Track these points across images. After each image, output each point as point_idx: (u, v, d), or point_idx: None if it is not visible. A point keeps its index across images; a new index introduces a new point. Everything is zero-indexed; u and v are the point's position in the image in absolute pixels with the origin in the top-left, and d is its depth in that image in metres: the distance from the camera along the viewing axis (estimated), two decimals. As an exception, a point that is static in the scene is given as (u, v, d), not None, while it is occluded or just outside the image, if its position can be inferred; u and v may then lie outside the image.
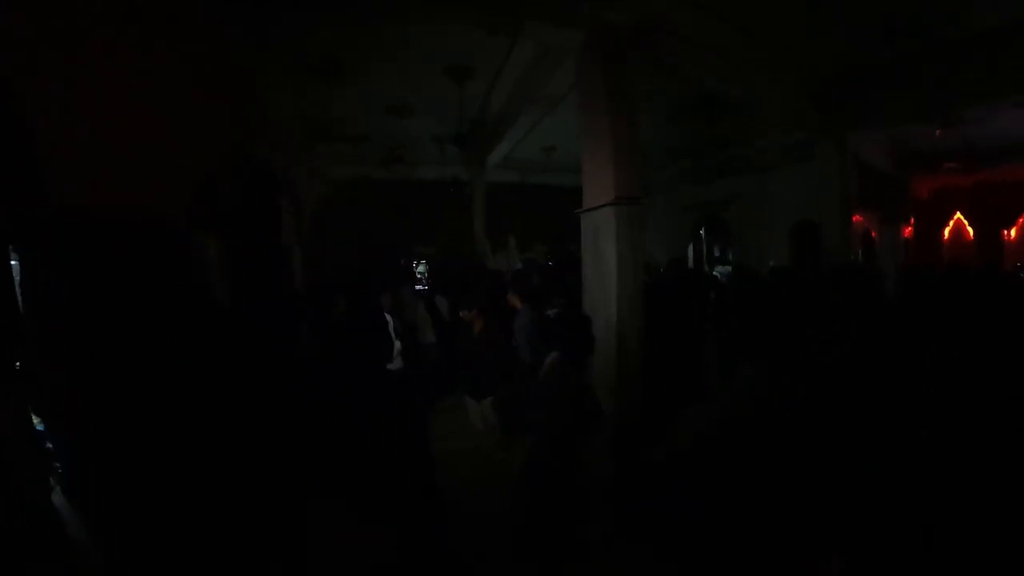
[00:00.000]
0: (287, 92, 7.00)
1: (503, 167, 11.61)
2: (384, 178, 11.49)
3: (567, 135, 9.43)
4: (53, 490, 3.68)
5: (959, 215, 13.54)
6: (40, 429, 3.76)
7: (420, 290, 9.85)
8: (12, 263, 2.47)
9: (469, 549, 3.45)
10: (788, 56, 6.57)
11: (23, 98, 2.31)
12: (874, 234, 11.19)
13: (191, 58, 3.74)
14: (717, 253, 11.73)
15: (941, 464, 3.07)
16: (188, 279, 3.34)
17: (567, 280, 6.53)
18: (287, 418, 3.76)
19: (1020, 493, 2.58)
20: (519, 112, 7.82)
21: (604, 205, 4.82)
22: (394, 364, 5.42)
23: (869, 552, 2.69)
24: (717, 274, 9.35)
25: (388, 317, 5.62)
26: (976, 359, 3.67)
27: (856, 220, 9.55)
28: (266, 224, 6.03)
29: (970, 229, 13.42)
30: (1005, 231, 12.70)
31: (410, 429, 3.66)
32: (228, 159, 4.59)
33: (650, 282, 6.29)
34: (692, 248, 11.72)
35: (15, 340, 2.60)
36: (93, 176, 2.65)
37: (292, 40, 5.72)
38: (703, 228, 11.51)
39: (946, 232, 13.76)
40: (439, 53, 6.29)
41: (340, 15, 5.26)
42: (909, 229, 12.56)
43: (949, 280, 6.51)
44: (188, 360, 3.00)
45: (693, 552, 2.99)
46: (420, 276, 11.73)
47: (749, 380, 4.06)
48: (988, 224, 12.97)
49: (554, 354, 3.32)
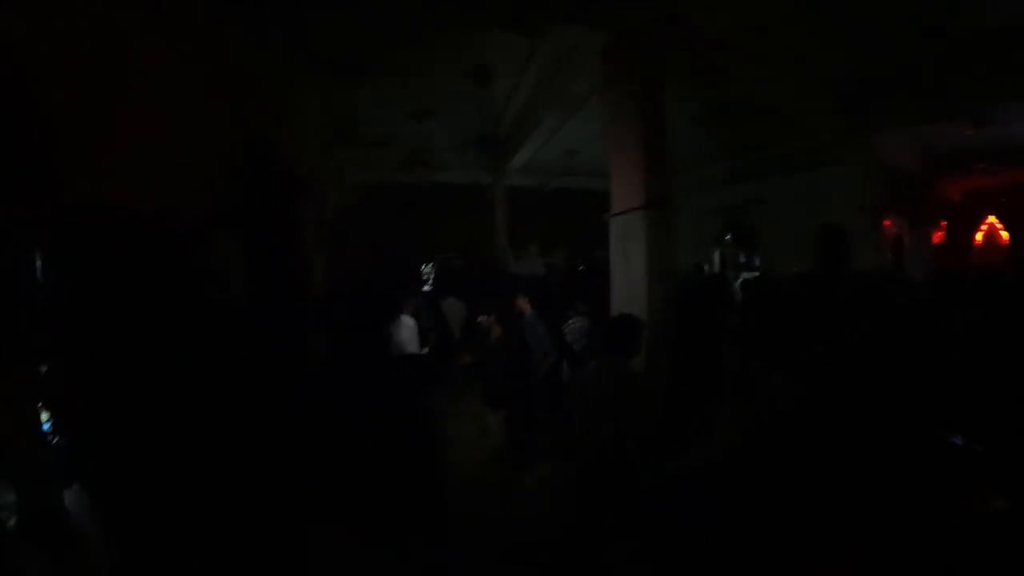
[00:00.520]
0: (309, 94, 6.98)
1: (524, 171, 11.55)
2: (405, 182, 11.47)
3: (590, 138, 9.37)
4: (64, 487, 3.70)
5: (992, 218, 13.14)
6: (46, 427, 3.78)
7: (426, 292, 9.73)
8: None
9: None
10: (815, 57, 6.40)
11: (39, 92, 2.27)
12: (904, 239, 10.90)
13: (212, 55, 3.72)
14: (743, 259, 11.52)
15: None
16: (200, 279, 3.31)
17: (591, 286, 6.44)
18: (288, 423, 3.73)
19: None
20: (542, 115, 7.73)
21: (634, 209, 4.71)
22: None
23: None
24: (740, 278, 9.21)
25: (412, 321, 5.60)
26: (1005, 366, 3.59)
27: (886, 224, 9.32)
28: (285, 226, 6.01)
29: (1004, 233, 13.02)
30: (1041, 234, 12.31)
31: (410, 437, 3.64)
32: (249, 159, 4.57)
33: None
34: (718, 253, 11.52)
35: (26, 335, 2.58)
36: (112, 173, 2.62)
37: (315, 40, 5.69)
38: (728, 233, 11.32)
39: (978, 236, 13.37)
40: (462, 56, 6.23)
41: (364, 16, 5.24)
42: (940, 233, 12.22)
43: (983, 286, 6.34)
44: (194, 360, 2.96)
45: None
46: (425, 278, 11.60)
47: (773, 390, 3.99)
48: (1023, 227, 12.56)
49: (599, 359, 3.23)
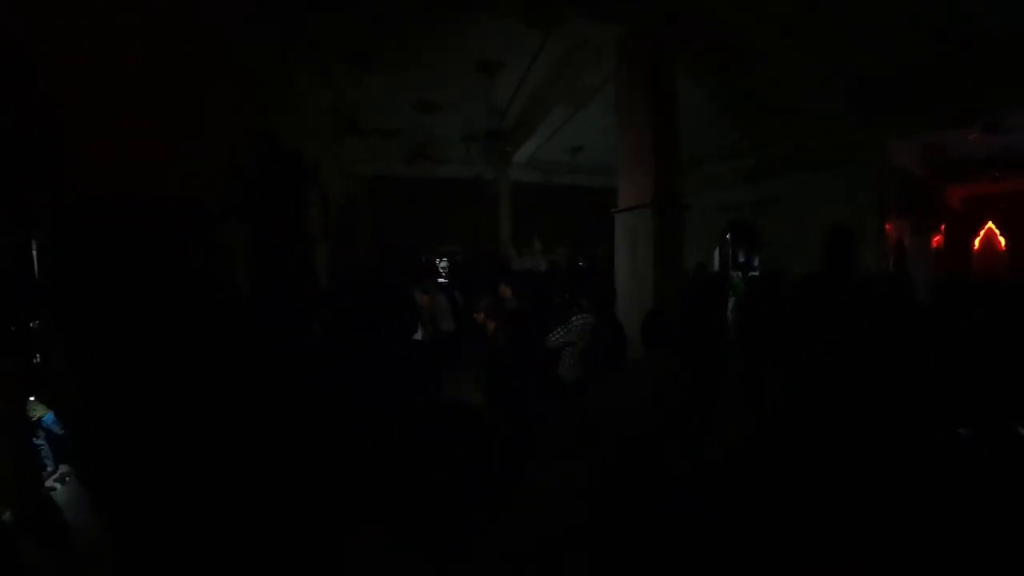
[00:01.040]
0: (318, 85, 6.95)
1: (528, 167, 11.57)
2: (409, 175, 11.45)
3: (594, 135, 9.37)
4: (67, 480, 3.71)
5: (991, 224, 13.21)
6: (48, 420, 3.79)
7: (442, 283, 9.84)
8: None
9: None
10: (827, 59, 6.40)
11: (50, 82, 2.27)
12: (905, 242, 10.94)
13: (223, 46, 3.71)
14: (743, 259, 11.56)
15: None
16: (209, 267, 3.31)
17: (592, 283, 6.44)
18: (297, 411, 3.73)
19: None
20: (549, 109, 7.73)
21: (642, 206, 4.72)
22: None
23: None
24: (736, 277, 9.25)
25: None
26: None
27: (888, 228, 9.35)
28: (294, 215, 6.01)
29: (1002, 239, 13.09)
30: (1039, 242, 12.37)
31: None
32: (259, 148, 4.56)
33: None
34: (719, 252, 11.54)
35: (25, 328, 2.58)
36: (123, 162, 2.62)
37: (325, 31, 5.67)
38: (730, 233, 11.33)
39: (976, 241, 13.44)
40: (470, 47, 6.21)
41: (372, 7, 5.22)
42: (939, 237, 12.27)
43: (985, 292, 6.39)
44: (201, 348, 2.97)
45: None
46: (442, 271, 11.67)
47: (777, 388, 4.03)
48: (1021, 234, 12.63)
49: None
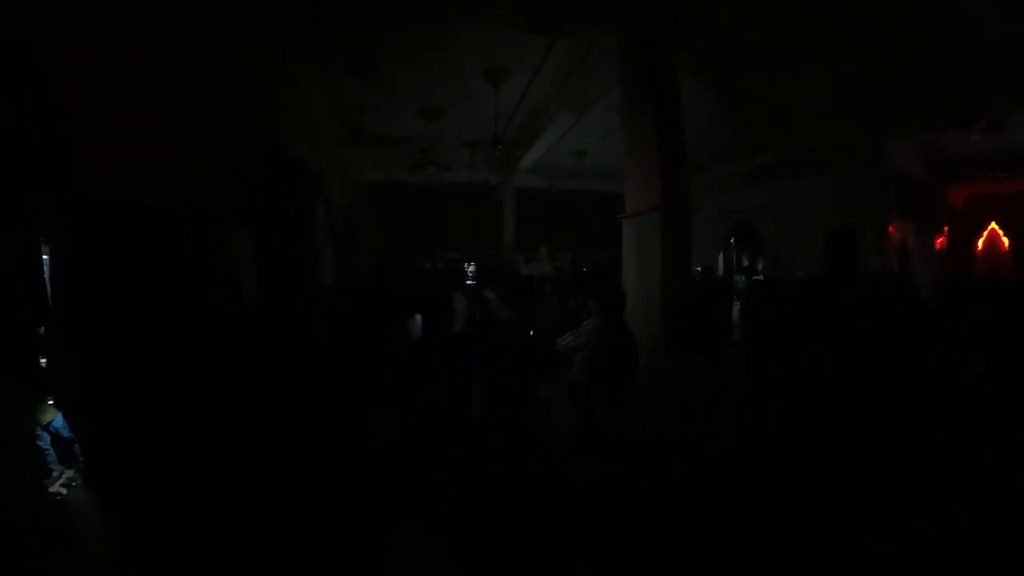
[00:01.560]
0: (323, 91, 7.00)
1: (533, 172, 11.61)
2: (413, 181, 11.50)
3: (599, 140, 9.42)
4: (73, 484, 3.73)
5: (994, 225, 13.21)
6: (58, 423, 3.80)
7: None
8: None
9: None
10: (828, 60, 6.43)
11: (62, 86, 2.29)
12: (909, 243, 10.95)
13: (227, 50, 3.74)
14: (746, 262, 11.58)
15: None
16: (214, 271, 3.33)
17: (597, 288, 6.48)
18: (300, 412, 3.75)
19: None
20: (553, 115, 7.77)
21: (650, 210, 4.74)
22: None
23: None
24: (740, 281, 9.29)
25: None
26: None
27: (891, 229, 9.37)
28: (299, 221, 6.04)
29: (1005, 240, 13.09)
30: (1043, 242, 12.38)
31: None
32: (263, 153, 4.59)
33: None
34: (722, 256, 11.57)
35: (31, 327, 2.59)
36: (132, 165, 2.64)
37: (330, 38, 5.71)
38: (734, 237, 11.36)
39: (980, 243, 13.44)
40: (475, 55, 6.25)
41: (379, 15, 5.26)
42: (942, 239, 12.28)
43: (988, 292, 6.41)
44: (205, 351, 2.99)
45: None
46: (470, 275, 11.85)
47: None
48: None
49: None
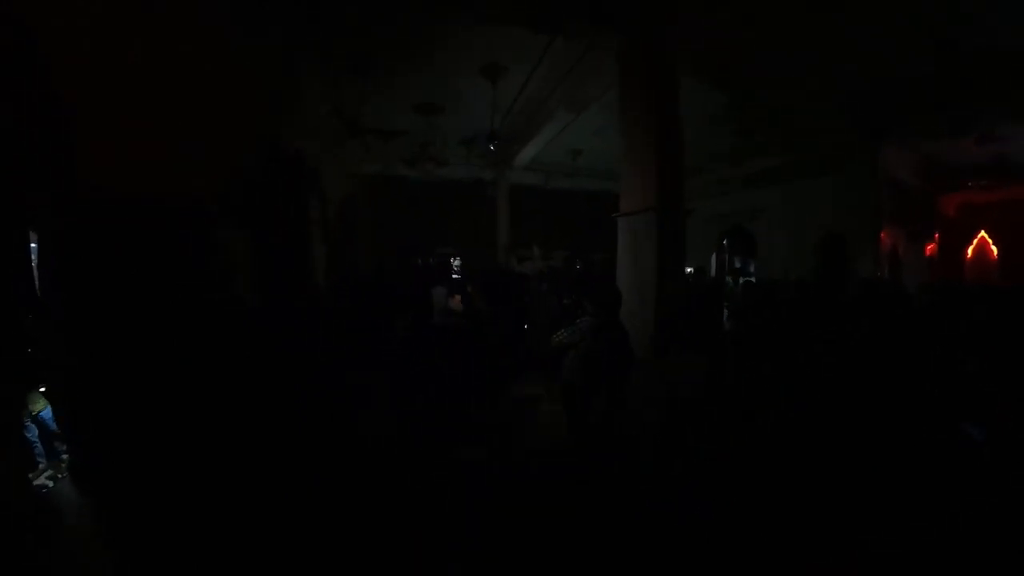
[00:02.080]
0: (321, 86, 6.96)
1: (528, 170, 11.61)
2: (409, 176, 11.49)
3: (595, 139, 9.43)
4: (59, 477, 3.68)
5: (984, 233, 13.34)
6: (46, 415, 3.76)
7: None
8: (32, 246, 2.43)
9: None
10: (826, 66, 6.47)
11: (62, 84, 2.27)
12: (900, 250, 11.05)
13: (224, 47, 3.71)
14: (738, 264, 11.62)
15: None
16: (211, 268, 3.31)
17: (589, 287, 6.50)
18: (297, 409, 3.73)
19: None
20: (551, 113, 7.76)
21: (645, 210, 4.74)
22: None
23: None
24: (731, 282, 9.32)
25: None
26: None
27: (883, 235, 9.45)
28: (294, 216, 6.00)
29: (994, 248, 13.23)
30: (1031, 251, 12.52)
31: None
32: (260, 149, 4.56)
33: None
34: (715, 257, 11.61)
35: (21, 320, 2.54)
36: (130, 163, 2.62)
37: (328, 32, 5.67)
38: (727, 239, 11.40)
39: (969, 250, 13.57)
40: (473, 52, 6.23)
41: (379, 11, 5.23)
42: (932, 246, 12.39)
43: (979, 298, 6.45)
44: (200, 346, 2.97)
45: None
46: (455, 269, 11.89)
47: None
48: (1013, 243, 12.77)
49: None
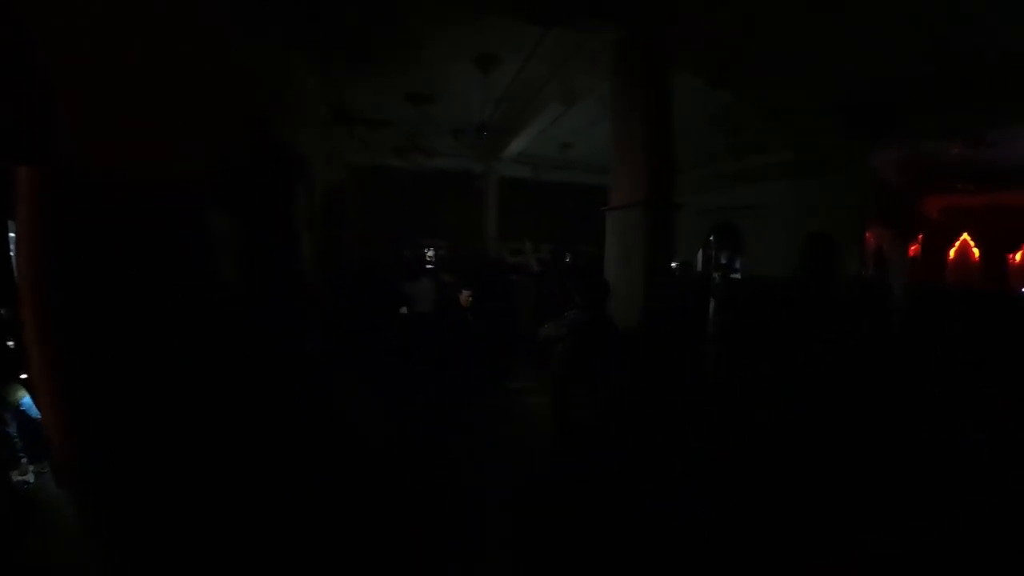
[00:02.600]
0: (308, 73, 6.86)
1: (517, 162, 11.55)
2: (398, 166, 11.38)
3: (585, 132, 9.41)
4: (43, 471, 3.61)
5: (966, 236, 13.56)
6: (26, 403, 3.68)
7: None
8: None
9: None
10: (820, 68, 6.49)
11: (37, 50, 2.19)
12: (885, 250, 11.19)
13: (212, 32, 3.64)
14: (725, 261, 11.67)
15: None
16: (194, 253, 3.25)
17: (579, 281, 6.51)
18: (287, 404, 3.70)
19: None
20: (542, 105, 7.73)
21: (635, 204, 4.73)
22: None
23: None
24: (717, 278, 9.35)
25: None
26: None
27: (868, 236, 9.56)
28: (280, 205, 5.92)
29: (976, 251, 13.46)
30: (1010, 255, 12.74)
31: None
32: (248, 136, 4.48)
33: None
34: (702, 253, 11.65)
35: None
36: (112, 141, 2.55)
37: (317, 18, 5.58)
38: (714, 235, 11.44)
39: (951, 252, 13.79)
40: (467, 41, 6.17)
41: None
42: (915, 246, 12.56)
43: (961, 299, 6.57)
44: (187, 336, 2.92)
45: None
46: (429, 260, 11.81)
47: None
48: (994, 247, 12.99)
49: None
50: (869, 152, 8.18)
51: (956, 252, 13.80)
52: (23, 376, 3.57)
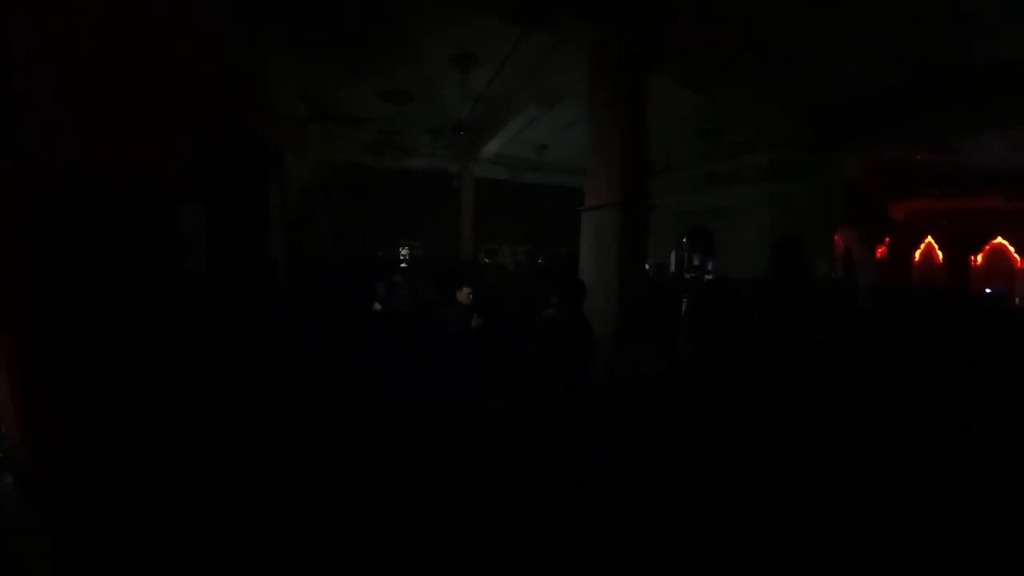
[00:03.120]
0: (285, 69, 6.77)
1: (493, 163, 11.54)
2: (373, 165, 11.26)
3: (561, 134, 9.46)
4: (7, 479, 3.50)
5: (930, 239, 14.00)
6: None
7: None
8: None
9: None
10: (791, 76, 6.62)
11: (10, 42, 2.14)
12: (852, 251, 11.48)
13: (189, 26, 3.58)
14: (697, 262, 11.83)
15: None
16: (166, 246, 3.20)
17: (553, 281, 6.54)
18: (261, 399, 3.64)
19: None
20: (519, 107, 7.73)
21: (609, 205, 4.77)
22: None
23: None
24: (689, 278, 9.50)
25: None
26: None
27: (836, 238, 9.79)
28: (253, 201, 5.83)
29: (940, 253, 13.90)
30: (973, 257, 13.19)
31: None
32: (222, 130, 4.41)
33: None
34: (674, 254, 11.79)
35: None
36: (85, 133, 2.49)
37: (295, 15, 5.52)
38: (687, 237, 11.59)
39: (917, 254, 14.22)
40: (446, 41, 6.15)
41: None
42: (882, 248, 12.92)
43: (927, 298, 6.77)
44: (157, 329, 2.87)
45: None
46: (402, 258, 11.74)
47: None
48: (957, 249, 13.44)
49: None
50: (839, 157, 8.37)
51: (921, 254, 14.25)
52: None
